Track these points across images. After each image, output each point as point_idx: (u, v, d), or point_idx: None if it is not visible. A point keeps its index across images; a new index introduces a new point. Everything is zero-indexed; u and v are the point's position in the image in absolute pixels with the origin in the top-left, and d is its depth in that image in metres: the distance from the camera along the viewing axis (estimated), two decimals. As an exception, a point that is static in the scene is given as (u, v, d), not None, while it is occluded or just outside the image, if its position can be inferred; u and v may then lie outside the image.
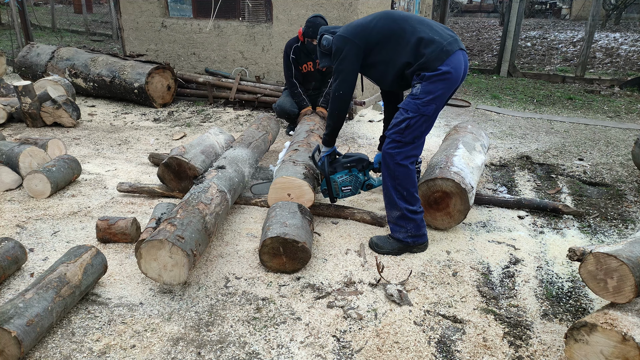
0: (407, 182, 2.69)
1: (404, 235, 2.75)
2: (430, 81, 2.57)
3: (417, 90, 2.60)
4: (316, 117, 4.35)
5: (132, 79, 6.03)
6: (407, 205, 2.71)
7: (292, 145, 3.69)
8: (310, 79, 4.71)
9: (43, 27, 13.81)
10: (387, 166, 2.72)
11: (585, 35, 8.40)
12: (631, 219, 3.35)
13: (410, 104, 2.62)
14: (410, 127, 2.62)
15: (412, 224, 2.73)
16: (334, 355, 2.03)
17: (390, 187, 2.73)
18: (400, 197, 2.71)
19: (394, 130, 2.66)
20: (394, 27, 2.67)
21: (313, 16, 4.17)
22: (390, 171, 2.70)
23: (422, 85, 2.59)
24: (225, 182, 3.00)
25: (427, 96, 2.58)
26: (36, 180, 3.43)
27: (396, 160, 2.67)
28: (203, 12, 6.85)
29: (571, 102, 6.98)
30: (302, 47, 4.39)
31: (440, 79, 2.57)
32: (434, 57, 2.56)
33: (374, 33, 2.70)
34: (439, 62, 2.56)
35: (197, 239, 2.42)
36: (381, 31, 2.69)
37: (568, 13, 21.78)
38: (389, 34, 2.68)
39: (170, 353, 2.03)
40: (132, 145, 4.76)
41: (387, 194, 2.78)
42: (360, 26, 2.74)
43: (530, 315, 2.33)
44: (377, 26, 2.70)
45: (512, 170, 4.26)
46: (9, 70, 7.86)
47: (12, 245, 2.52)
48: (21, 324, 1.91)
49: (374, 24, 2.71)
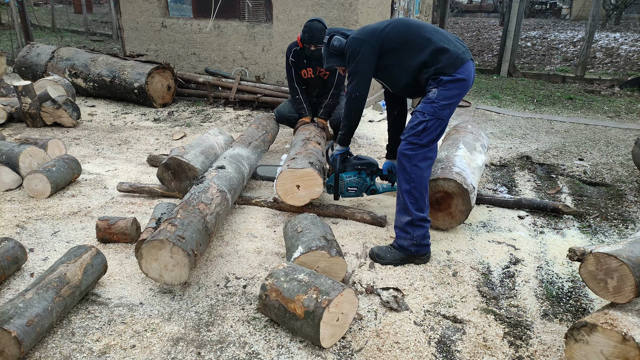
0: (422, 186, 2.67)
1: (409, 243, 2.69)
2: (447, 87, 2.62)
3: (434, 94, 2.64)
4: (311, 126, 4.17)
5: (132, 79, 6.03)
6: (418, 213, 2.68)
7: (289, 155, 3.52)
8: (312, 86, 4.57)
9: (43, 27, 13.82)
10: (403, 169, 2.68)
11: (585, 35, 8.40)
12: (631, 219, 3.35)
13: (427, 107, 2.64)
14: (427, 130, 2.63)
15: (419, 231, 2.69)
16: (334, 355, 2.03)
17: (404, 192, 2.69)
18: (414, 202, 2.67)
19: (411, 133, 2.66)
20: (410, 34, 2.72)
21: (310, 20, 4.03)
22: (407, 174, 2.67)
23: (438, 89, 2.63)
24: (225, 182, 3.00)
25: (444, 100, 2.62)
26: (36, 180, 3.43)
27: (413, 162, 2.65)
28: (203, 12, 6.85)
29: (571, 102, 6.98)
30: (301, 52, 4.31)
31: (457, 86, 2.63)
32: (449, 63, 2.62)
33: (390, 37, 2.73)
34: (454, 69, 2.62)
35: (197, 239, 2.42)
36: (397, 36, 2.73)
37: (568, 13, 21.78)
38: (405, 40, 2.72)
39: (170, 353, 2.03)
40: (132, 145, 4.76)
41: (400, 198, 2.73)
42: (376, 29, 2.77)
43: (530, 315, 2.33)
44: (393, 31, 2.74)
45: (512, 170, 4.26)
46: (9, 70, 7.86)
47: (12, 245, 2.52)
48: (21, 324, 1.91)
49: (389, 29, 2.75)
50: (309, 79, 4.49)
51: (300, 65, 4.37)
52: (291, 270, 2.19)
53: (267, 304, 2.16)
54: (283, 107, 4.63)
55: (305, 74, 4.43)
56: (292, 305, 2.05)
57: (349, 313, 2.11)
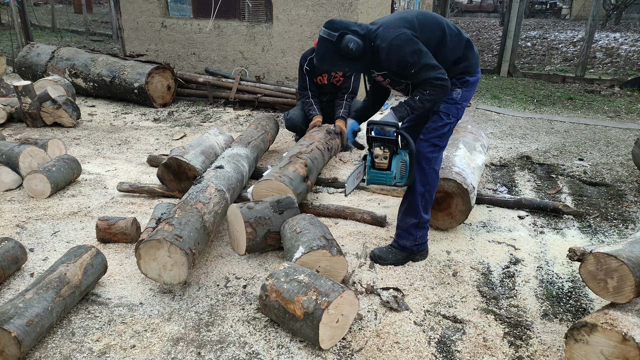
0: (433, 188, 2.64)
1: (411, 244, 2.69)
2: (469, 88, 2.57)
3: (458, 95, 2.54)
4: (320, 133, 3.93)
5: (132, 79, 6.03)
6: (425, 215, 2.66)
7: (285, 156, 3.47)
8: (323, 92, 4.48)
9: (43, 27, 13.81)
10: (422, 171, 2.56)
11: (585, 35, 8.40)
12: (631, 219, 3.35)
13: (451, 108, 2.55)
14: (450, 132, 2.60)
15: (422, 232, 2.69)
16: (334, 355, 2.03)
17: (418, 194, 2.60)
18: (425, 205, 2.63)
19: (435, 134, 2.55)
20: (442, 28, 2.44)
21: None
22: (425, 176, 2.58)
23: (462, 90, 2.53)
24: (224, 181, 3.00)
25: (465, 102, 2.59)
26: (36, 180, 3.43)
27: (432, 165, 2.58)
28: (203, 12, 6.85)
29: (571, 102, 6.98)
30: None
31: (474, 87, 2.60)
32: (475, 62, 2.55)
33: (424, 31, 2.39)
34: (476, 68, 2.56)
35: (195, 237, 2.42)
36: (430, 29, 2.41)
37: (568, 13, 21.76)
38: (439, 35, 2.42)
39: (170, 353, 2.03)
40: (132, 145, 4.76)
41: (412, 200, 2.63)
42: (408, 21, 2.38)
43: (530, 316, 2.33)
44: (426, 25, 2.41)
45: (512, 170, 4.26)
46: (9, 70, 7.86)
47: (12, 245, 2.52)
48: (21, 324, 1.91)
49: (418, 20, 2.40)
50: (321, 85, 4.44)
51: (315, 72, 4.32)
52: (292, 271, 2.19)
53: (267, 304, 2.16)
54: (296, 116, 4.45)
55: (321, 80, 4.38)
56: (292, 306, 2.05)
57: (349, 314, 2.11)
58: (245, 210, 2.71)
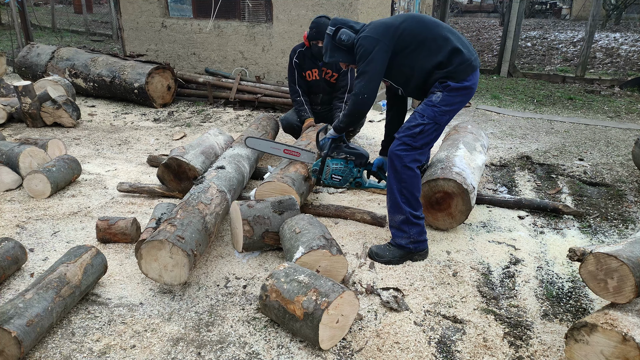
0: (413, 186, 2.66)
1: (406, 242, 2.69)
2: (452, 93, 2.57)
3: (437, 98, 2.58)
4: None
5: (132, 79, 6.03)
6: (411, 210, 2.67)
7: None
8: (316, 90, 4.37)
9: (43, 27, 13.82)
10: (394, 168, 2.66)
11: (585, 35, 8.40)
12: (631, 219, 3.35)
13: (427, 110, 2.59)
14: (423, 133, 2.60)
15: (416, 229, 2.69)
16: (334, 355, 2.03)
17: (396, 190, 2.67)
18: (405, 200, 2.66)
19: (407, 134, 2.62)
20: (427, 32, 2.58)
21: (317, 17, 3.94)
22: (397, 174, 2.65)
23: (443, 94, 2.57)
24: (225, 182, 3.00)
25: (446, 106, 2.58)
26: (36, 180, 3.43)
27: (404, 163, 2.62)
28: (203, 12, 6.85)
29: (571, 102, 6.98)
30: (306, 51, 4.12)
31: (462, 93, 2.59)
32: (462, 69, 2.56)
33: (405, 35, 2.59)
34: (464, 75, 2.57)
35: (197, 239, 2.42)
36: (413, 34, 2.58)
37: (568, 13, 21.77)
38: (422, 39, 2.58)
39: (170, 353, 2.03)
40: (132, 146, 4.76)
41: (391, 197, 2.71)
42: (390, 27, 2.60)
43: (530, 316, 2.33)
44: (408, 29, 2.59)
45: (512, 170, 4.26)
46: (9, 70, 7.86)
47: (12, 245, 2.52)
48: (21, 324, 1.91)
49: (404, 26, 2.60)
50: (313, 82, 4.31)
51: (304, 66, 4.23)
52: (292, 271, 2.19)
53: (267, 304, 2.16)
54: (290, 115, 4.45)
55: (310, 75, 4.27)
56: (292, 306, 2.05)
57: (349, 315, 2.11)
58: (245, 208, 2.72)
